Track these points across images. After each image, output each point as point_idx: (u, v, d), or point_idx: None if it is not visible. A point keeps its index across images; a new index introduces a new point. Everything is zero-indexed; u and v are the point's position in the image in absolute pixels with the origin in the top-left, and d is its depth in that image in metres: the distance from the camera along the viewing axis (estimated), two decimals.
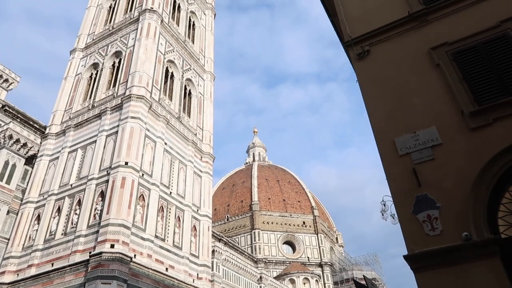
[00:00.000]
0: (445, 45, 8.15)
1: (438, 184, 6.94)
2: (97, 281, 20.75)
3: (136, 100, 28.15)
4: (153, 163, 27.52)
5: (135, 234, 23.84)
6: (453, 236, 6.41)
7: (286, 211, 63.18)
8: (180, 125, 32.66)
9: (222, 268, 38.17)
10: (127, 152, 25.81)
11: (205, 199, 31.94)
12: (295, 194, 67.08)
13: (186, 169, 31.09)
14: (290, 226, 61.79)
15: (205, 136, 35.50)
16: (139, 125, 27.33)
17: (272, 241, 59.66)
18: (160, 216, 26.61)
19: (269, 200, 64.36)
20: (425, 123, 7.59)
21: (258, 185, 66.43)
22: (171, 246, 26.61)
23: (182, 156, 31.27)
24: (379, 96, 8.50)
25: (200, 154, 33.80)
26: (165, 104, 31.77)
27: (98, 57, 34.39)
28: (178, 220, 28.29)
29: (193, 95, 36.72)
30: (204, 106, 37.22)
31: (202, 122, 36.09)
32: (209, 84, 39.10)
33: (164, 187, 27.86)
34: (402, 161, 7.42)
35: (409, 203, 6.98)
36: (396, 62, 8.63)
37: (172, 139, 30.83)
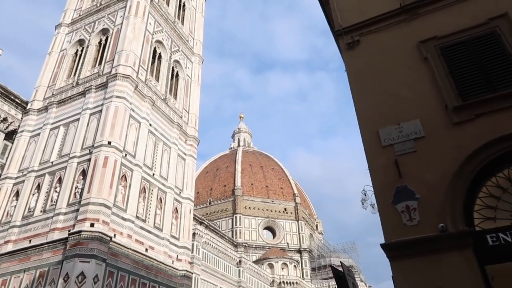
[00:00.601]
0: (434, 39, 8.19)
1: (418, 176, 7.04)
2: (75, 259, 20.62)
3: (122, 80, 27.67)
4: (137, 144, 27.25)
5: (116, 214, 23.70)
6: (430, 227, 6.54)
7: (268, 197, 63.64)
8: (166, 107, 32.33)
9: (202, 251, 38.39)
10: (111, 132, 25.46)
11: (188, 182, 31.88)
12: (278, 181, 67.54)
13: (170, 151, 30.90)
14: (272, 212, 62.34)
15: (191, 119, 35.24)
16: (124, 105, 26.93)
17: (253, 226, 60.15)
18: (142, 197, 26.49)
19: (252, 185, 64.66)
20: (409, 116, 7.65)
21: (242, 170, 66.60)
22: (151, 227, 26.58)
23: (167, 138, 31.04)
24: (366, 86, 8.52)
25: (185, 137, 33.59)
26: (152, 85, 31.34)
27: (84, 33, 33.54)
28: (160, 201, 28.22)
29: (181, 77, 36.28)
30: (191, 89, 36.84)
31: (188, 105, 35.77)
32: (197, 67, 38.64)
33: (147, 168, 27.68)
34: (385, 152, 7.49)
35: (389, 194, 7.08)
36: (385, 54, 8.64)
37: (157, 121, 30.53)
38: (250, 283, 45.70)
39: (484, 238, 6.19)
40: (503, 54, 7.41)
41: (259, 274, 48.43)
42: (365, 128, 8.00)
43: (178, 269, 27.21)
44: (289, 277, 51.30)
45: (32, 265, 22.19)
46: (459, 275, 6.05)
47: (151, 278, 24.62)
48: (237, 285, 42.79)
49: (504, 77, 7.22)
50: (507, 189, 6.61)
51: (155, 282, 24.83)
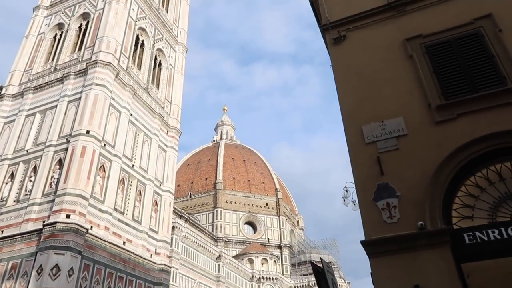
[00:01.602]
0: (420, 37, 8.29)
1: (400, 173, 7.15)
2: (49, 251, 20.30)
3: (102, 67, 27.21)
4: (117, 134, 26.92)
5: (93, 205, 23.41)
6: (409, 224, 6.67)
7: (250, 192, 63.81)
8: (148, 97, 31.98)
9: (181, 245, 38.29)
10: (90, 121, 25.08)
11: (169, 175, 31.70)
12: (260, 175, 67.74)
13: (151, 143, 30.64)
14: (253, 207, 62.55)
15: (173, 110, 34.96)
16: (104, 93, 26.52)
17: (233, 221, 60.27)
18: (120, 189, 26.23)
19: (234, 179, 64.70)
20: (393, 113, 7.75)
21: (224, 164, 66.52)
22: (130, 219, 26.36)
23: (148, 128, 30.74)
24: (351, 82, 8.58)
25: (166, 128, 33.33)
26: (133, 73, 30.93)
27: (64, 17, 32.77)
28: (139, 194, 28.01)
29: (163, 66, 35.90)
30: (174, 79, 36.51)
31: (171, 95, 35.46)
32: (180, 57, 38.29)
33: (126, 159, 27.39)
34: (368, 149, 7.58)
35: (370, 190, 7.17)
36: (371, 50, 8.71)
37: (138, 111, 30.18)
38: (230, 278, 45.89)
39: (462, 237, 6.35)
40: (486, 55, 7.56)
41: (239, 269, 48.65)
42: (348, 124, 8.08)
43: (157, 263, 27.11)
44: (269, 273, 51.69)
45: (3, 256, 21.74)
46: (436, 272, 6.20)
47: (128, 272, 24.46)
48: (217, 280, 42.91)
49: (485, 78, 7.37)
50: (485, 189, 6.79)
51: (132, 276, 24.68)
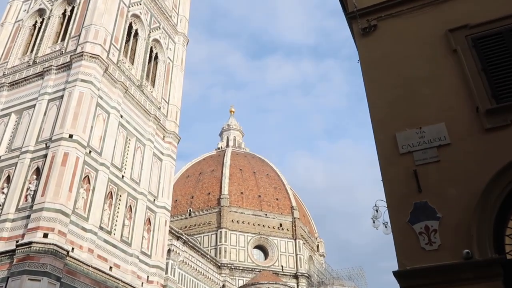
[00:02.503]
0: (466, 28, 8.24)
1: (441, 191, 7.08)
2: (23, 277, 20.48)
3: (89, 60, 27.59)
4: (104, 139, 27.18)
5: (75, 223, 23.59)
6: (453, 252, 6.58)
7: (261, 210, 63.68)
8: (141, 96, 32.27)
9: (178, 272, 38.31)
10: (73, 123, 25.37)
11: (165, 188, 31.85)
12: (273, 190, 67.61)
13: (144, 150, 30.85)
14: (264, 228, 62.36)
15: (171, 112, 35.21)
16: (91, 91, 26.85)
17: (241, 244, 60.12)
18: (107, 204, 26.41)
19: (242, 194, 64.67)
20: (433, 118, 7.70)
21: (230, 176, 66.57)
22: (118, 240, 26.49)
23: (141, 133, 30.99)
24: (383, 81, 8.56)
25: (162, 132, 33.55)
26: (125, 68, 31.28)
27: (46, 2, 33.38)
28: (130, 210, 28.16)
29: (160, 60, 36.24)
30: (173, 74, 36.82)
31: (168, 94, 35.73)
32: (180, 49, 38.63)
33: (115, 169, 27.60)
34: (402, 161, 7.53)
35: (405, 211, 7.11)
36: (407, 43, 8.69)
37: (130, 112, 30.47)
38: None
39: None
40: None
41: None
42: (379, 130, 8.04)
43: None
44: None
45: None
46: None
47: None
48: None
49: None
50: None
51: None
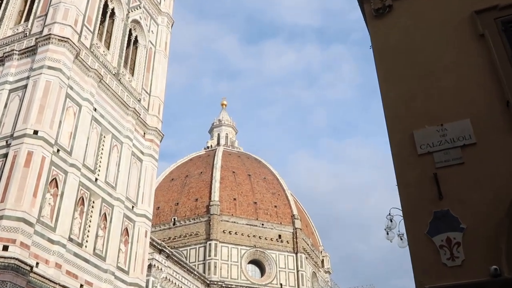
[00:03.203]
0: (495, 9, 8.26)
1: (465, 198, 7.10)
2: None
3: (57, 44, 27.48)
4: (75, 136, 27.10)
5: (41, 233, 23.52)
6: (478, 269, 6.60)
7: (257, 219, 63.67)
8: (119, 86, 32.19)
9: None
10: (38, 117, 25.28)
11: (145, 193, 31.79)
12: (271, 196, 67.62)
13: (122, 148, 30.79)
14: (261, 240, 62.36)
15: (153, 105, 35.14)
16: (59, 80, 26.75)
17: (233, 258, 60.10)
18: (78, 212, 26.34)
19: (235, 201, 64.64)
20: (456, 114, 7.72)
21: (221, 179, 66.51)
22: (90, 254, 26.43)
23: (118, 129, 30.92)
24: (399, 70, 8.59)
25: (143, 128, 33.48)
26: (99, 53, 31.18)
27: None
28: (104, 218, 28.11)
29: (141, 44, 36.15)
30: (155, 61, 36.72)
31: (150, 84, 35.65)
32: (164, 31, 38.54)
33: (87, 171, 27.53)
34: (421, 163, 7.55)
35: (424, 221, 7.13)
36: (426, 26, 8.71)
37: (105, 104, 30.39)
38: None
39: None
40: None
41: None
42: (394, 128, 8.06)
43: None
44: None
45: None
46: None
47: None
48: None
49: None
50: None
51: None
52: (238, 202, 64.67)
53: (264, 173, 71.97)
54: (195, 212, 63.30)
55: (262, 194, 67.05)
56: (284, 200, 68.05)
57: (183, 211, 64.25)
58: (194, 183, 67.50)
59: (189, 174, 69.94)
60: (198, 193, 65.54)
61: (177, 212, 64.38)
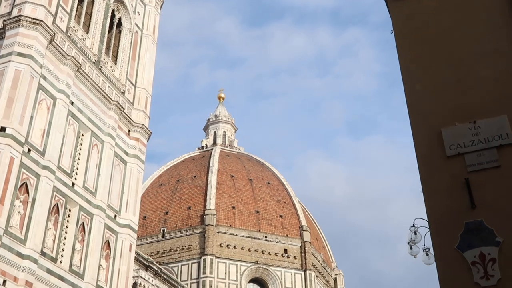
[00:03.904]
0: None
1: (502, 206, 7.08)
2: None
3: (28, 27, 27.49)
4: (49, 134, 27.09)
5: (9, 247, 23.53)
6: None
7: (259, 231, 63.68)
8: (99, 76, 32.17)
9: None
10: (6, 112, 25.30)
11: (130, 200, 31.78)
12: (275, 204, 67.64)
13: (103, 148, 30.78)
14: (264, 255, 62.37)
15: (139, 97, 35.14)
16: (30, 68, 26.77)
17: (232, 276, 60.13)
18: (52, 221, 26.34)
19: (234, 210, 64.68)
20: (491, 109, 7.69)
21: (218, 184, 66.53)
22: (66, 271, 26.44)
23: (98, 126, 30.90)
24: (424, 59, 8.56)
25: (127, 125, 33.47)
26: (77, 38, 31.16)
27: None
28: (82, 229, 28.10)
29: (125, 27, 36.13)
30: (142, 47, 36.71)
31: (135, 73, 35.64)
32: (152, 12, 38.53)
33: (63, 175, 27.52)
34: (450, 166, 7.52)
35: (453, 233, 7.11)
36: (457, 7, 8.68)
37: (83, 97, 30.37)
38: None
39: None
40: None
41: None
42: (419, 125, 8.04)
43: None
44: None
45: None
46: None
47: None
48: None
49: None
50: None
51: None
52: (238, 211, 64.68)
53: (267, 177, 71.98)
54: (188, 222, 63.32)
55: (265, 202, 67.04)
56: (291, 209, 68.04)
57: (174, 221, 64.28)
58: (187, 188, 67.53)
59: (180, 179, 69.98)
60: (191, 201, 65.56)
61: (166, 222, 64.42)
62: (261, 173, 72.48)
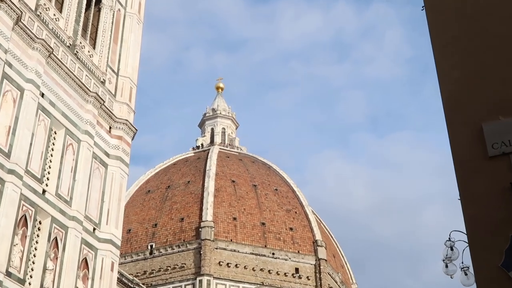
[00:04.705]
0: None
1: None
2: None
3: None
4: (15, 132, 27.14)
5: None
6: None
7: (266, 246, 63.71)
8: (75, 62, 32.20)
9: None
10: None
11: (112, 210, 31.82)
12: (285, 215, 67.66)
13: (79, 149, 30.79)
14: (271, 275, 62.43)
15: (122, 88, 35.18)
16: None
17: None
18: (19, 236, 26.37)
19: (235, 221, 64.73)
20: None
21: (216, 191, 66.59)
22: None
23: (74, 122, 30.92)
24: (462, 40, 8.55)
25: (108, 121, 33.51)
26: (48, 18, 31.19)
27: None
28: (55, 245, 28.11)
29: (105, 5, 36.16)
30: (125, 28, 36.77)
31: (118, 59, 35.68)
32: None
33: (32, 180, 27.53)
34: (493, 168, 7.51)
35: (497, 248, 7.10)
36: None
37: (56, 88, 30.38)
38: None
39: None
40: None
41: None
42: (456, 120, 8.03)
43: None
44: None
45: None
46: None
47: None
48: None
49: None
50: None
51: None
52: (240, 222, 64.72)
53: (275, 183, 71.98)
54: (180, 236, 63.38)
55: (272, 212, 67.06)
56: (303, 220, 68.04)
57: (164, 235, 64.34)
58: (179, 196, 67.58)
59: (172, 184, 70.04)
60: (184, 211, 65.62)
61: (155, 236, 64.49)
62: (267, 178, 72.47)
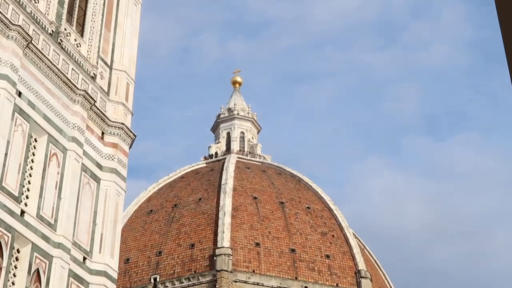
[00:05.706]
0: None
1: None
2: None
3: None
4: None
5: None
6: None
7: (296, 278, 63.72)
8: (59, 54, 32.33)
9: None
10: None
11: (106, 235, 31.90)
12: (320, 239, 67.61)
13: (65, 160, 30.90)
14: None
15: (117, 84, 35.32)
16: None
17: None
18: None
19: (258, 248, 64.75)
20: None
21: (235, 210, 66.67)
22: None
23: (58, 127, 31.03)
24: None
25: (101, 125, 33.61)
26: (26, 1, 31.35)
27: None
28: (37, 279, 28.24)
29: None
30: (120, 11, 36.94)
31: (111, 49, 35.83)
32: None
33: (7, 199, 27.65)
34: None
35: None
36: None
37: (36, 85, 30.52)
38: None
39: None
40: None
41: None
42: None
43: None
44: None
45: None
46: None
47: None
48: None
49: None
50: None
51: None
52: (264, 249, 64.72)
53: (307, 200, 71.91)
54: (191, 267, 63.53)
55: (304, 236, 67.03)
56: (343, 246, 67.93)
57: (170, 265, 64.52)
58: (188, 217, 67.73)
59: (179, 203, 70.18)
60: (195, 235, 65.75)
61: (159, 267, 64.68)
62: (297, 193, 72.42)
